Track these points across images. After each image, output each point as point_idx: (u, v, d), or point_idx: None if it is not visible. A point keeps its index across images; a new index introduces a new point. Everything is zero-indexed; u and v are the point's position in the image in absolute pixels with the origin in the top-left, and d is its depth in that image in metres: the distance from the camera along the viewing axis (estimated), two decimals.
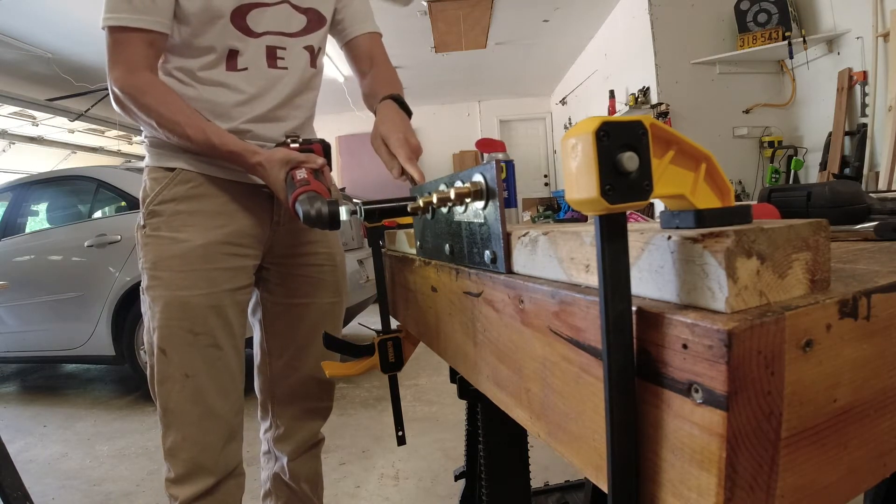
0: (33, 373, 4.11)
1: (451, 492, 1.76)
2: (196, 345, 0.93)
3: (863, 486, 0.32)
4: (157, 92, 0.88)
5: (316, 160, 0.89)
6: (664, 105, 3.85)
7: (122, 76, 0.87)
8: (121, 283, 2.84)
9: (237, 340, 0.99)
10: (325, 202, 0.78)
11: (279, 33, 0.97)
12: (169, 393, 0.93)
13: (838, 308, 0.29)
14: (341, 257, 1.15)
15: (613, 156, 0.28)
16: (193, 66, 0.94)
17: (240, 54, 0.94)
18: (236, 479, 1.00)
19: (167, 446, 0.94)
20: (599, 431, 0.34)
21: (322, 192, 0.83)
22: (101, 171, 3.26)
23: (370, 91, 1.08)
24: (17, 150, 6.39)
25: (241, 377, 1.01)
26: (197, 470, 0.94)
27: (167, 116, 0.87)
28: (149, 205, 0.95)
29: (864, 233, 0.67)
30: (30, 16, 4.00)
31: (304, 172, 0.86)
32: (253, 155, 0.88)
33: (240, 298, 0.99)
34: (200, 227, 0.94)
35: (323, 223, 0.77)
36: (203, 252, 0.93)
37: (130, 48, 0.87)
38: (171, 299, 0.92)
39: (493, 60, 6.11)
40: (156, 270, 0.93)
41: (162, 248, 0.93)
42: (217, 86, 0.95)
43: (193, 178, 0.95)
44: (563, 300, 0.38)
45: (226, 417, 0.96)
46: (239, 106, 0.96)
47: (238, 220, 0.97)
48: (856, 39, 3.09)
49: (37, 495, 1.73)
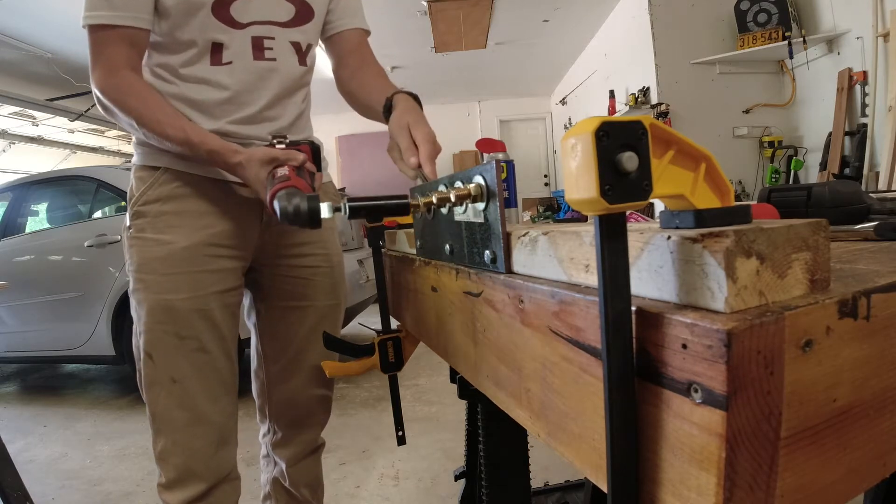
0: (33, 373, 4.11)
1: (451, 492, 1.76)
2: (182, 349, 0.91)
3: (862, 486, 0.32)
4: (137, 92, 0.85)
5: (296, 156, 0.84)
6: (664, 105, 3.86)
7: (102, 77, 0.85)
8: (121, 283, 2.84)
9: (227, 343, 0.96)
10: (304, 198, 0.70)
11: (266, 22, 0.93)
12: (157, 398, 0.91)
13: (838, 308, 0.29)
14: (339, 258, 1.11)
15: (613, 156, 0.28)
16: (175, 63, 0.90)
17: (224, 47, 0.91)
18: (230, 484, 0.98)
19: (157, 451, 0.93)
20: (599, 431, 0.34)
21: (303, 189, 0.78)
22: (101, 171, 3.27)
23: (361, 85, 1.04)
24: (17, 150, 6.40)
25: (232, 380, 0.98)
26: (188, 475, 0.92)
27: (147, 116, 0.84)
28: (134, 205, 0.93)
29: (864, 233, 0.67)
30: (30, 16, 4.00)
31: (285, 170, 0.82)
32: (234, 154, 0.85)
33: (228, 301, 0.96)
34: (185, 228, 0.92)
35: (301, 220, 0.69)
36: (187, 254, 0.91)
37: (110, 48, 0.85)
38: (155, 303, 0.90)
39: (493, 60, 6.11)
40: (141, 273, 0.91)
41: (146, 250, 0.91)
42: (200, 83, 0.91)
43: (179, 176, 0.92)
44: (562, 300, 0.38)
45: (216, 422, 0.94)
46: (224, 104, 0.92)
47: (225, 221, 0.95)
48: (856, 39, 3.09)
49: (37, 495, 1.72)
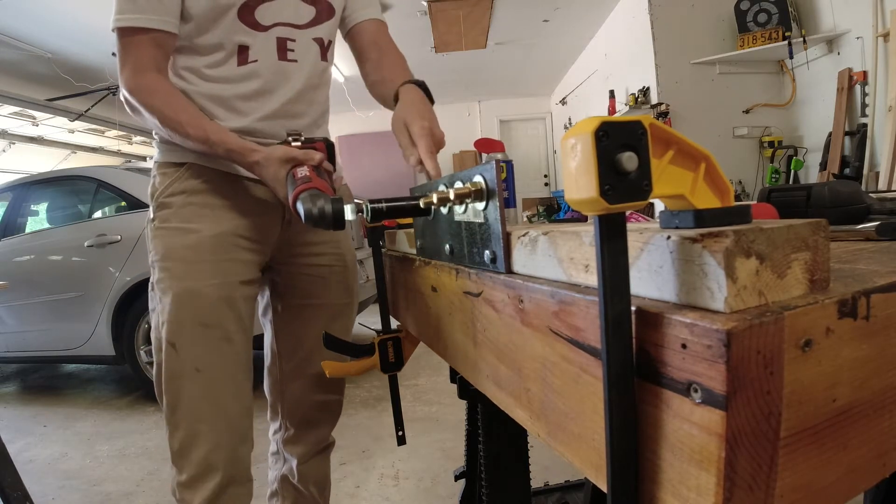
0: (33, 373, 4.11)
1: (451, 492, 1.76)
2: (207, 337, 0.89)
3: (862, 486, 0.32)
4: (161, 92, 0.87)
5: (314, 156, 0.85)
6: (664, 105, 3.85)
7: (130, 78, 0.87)
8: (121, 283, 2.84)
9: (248, 335, 0.96)
10: (328, 200, 0.73)
11: (288, 24, 0.95)
12: (178, 389, 0.89)
13: (838, 308, 0.29)
14: (352, 257, 1.13)
15: (613, 156, 0.28)
16: (201, 65, 0.93)
17: (250, 49, 0.93)
18: (245, 486, 0.95)
19: (176, 447, 0.89)
20: (599, 431, 0.34)
21: (325, 190, 0.78)
22: (101, 171, 3.26)
23: (381, 77, 1.03)
24: (17, 150, 6.40)
25: (250, 375, 0.97)
26: (210, 470, 0.89)
27: (169, 115, 0.86)
28: (158, 197, 0.94)
29: (866, 232, 0.67)
30: (30, 16, 4.00)
31: (305, 170, 0.82)
32: (252, 153, 0.85)
33: (250, 292, 0.96)
34: (212, 218, 0.92)
35: (326, 223, 0.72)
36: (214, 242, 0.91)
37: (138, 49, 0.87)
38: (181, 290, 0.89)
39: (493, 60, 6.11)
40: (165, 262, 0.90)
41: (172, 238, 0.91)
42: (225, 82, 0.93)
43: (203, 172, 0.93)
44: (562, 300, 0.38)
45: (238, 416, 0.93)
46: (248, 100, 0.94)
47: (249, 216, 0.95)
48: (856, 39, 3.09)
49: (37, 495, 1.72)
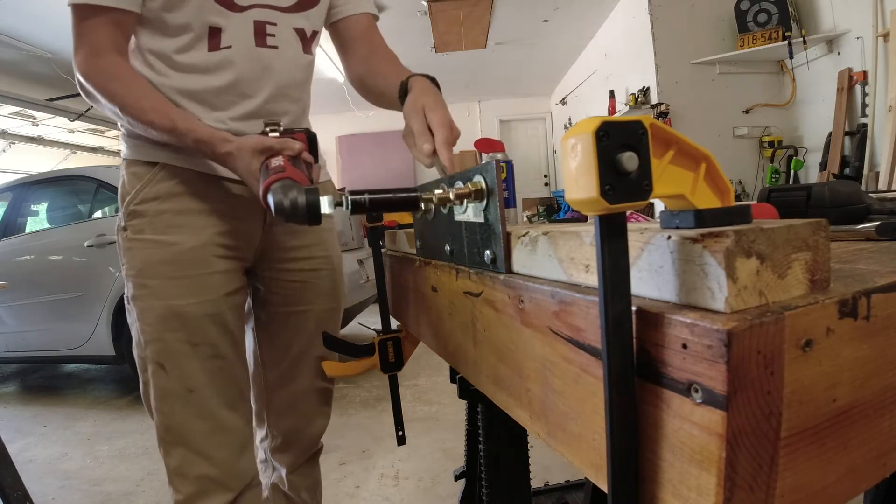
0: (33, 373, 4.11)
1: (451, 492, 1.76)
2: (196, 356, 0.85)
3: (862, 486, 0.32)
4: (122, 76, 0.80)
5: (293, 145, 0.76)
6: (664, 105, 3.85)
7: (86, 60, 0.80)
8: (121, 284, 2.80)
9: (240, 346, 0.93)
10: (301, 191, 0.63)
11: (268, 6, 0.87)
12: (171, 409, 0.85)
13: (838, 308, 0.29)
14: (339, 259, 1.08)
15: (613, 156, 0.28)
16: (169, 49, 0.84)
17: (222, 31, 0.84)
18: (253, 491, 0.93)
19: (173, 466, 0.86)
20: (599, 431, 0.34)
21: (300, 181, 0.70)
22: (101, 171, 3.27)
23: (373, 70, 0.96)
24: (17, 150, 6.39)
25: (247, 383, 0.95)
26: (211, 488, 0.86)
27: (130, 102, 0.79)
28: (129, 204, 0.87)
29: (866, 232, 0.67)
30: (30, 16, 4.00)
31: (280, 160, 0.74)
32: (223, 143, 0.78)
33: (237, 302, 0.92)
34: (189, 227, 0.86)
35: (299, 216, 0.62)
36: (194, 256, 0.86)
37: (95, 29, 0.79)
38: (163, 310, 0.84)
39: (493, 60, 6.11)
40: (143, 278, 0.85)
41: (148, 252, 0.85)
42: (197, 71, 0.84)
43: (178, 173, 0.86)
44: (562, 300, 0.38)
45: (236, 428, 0.90)
46: (224, 93, 0.86)
47: (228, 220, 0.89)
48: (856, 39, 3.09)
49: (37, 495, 1.72)
